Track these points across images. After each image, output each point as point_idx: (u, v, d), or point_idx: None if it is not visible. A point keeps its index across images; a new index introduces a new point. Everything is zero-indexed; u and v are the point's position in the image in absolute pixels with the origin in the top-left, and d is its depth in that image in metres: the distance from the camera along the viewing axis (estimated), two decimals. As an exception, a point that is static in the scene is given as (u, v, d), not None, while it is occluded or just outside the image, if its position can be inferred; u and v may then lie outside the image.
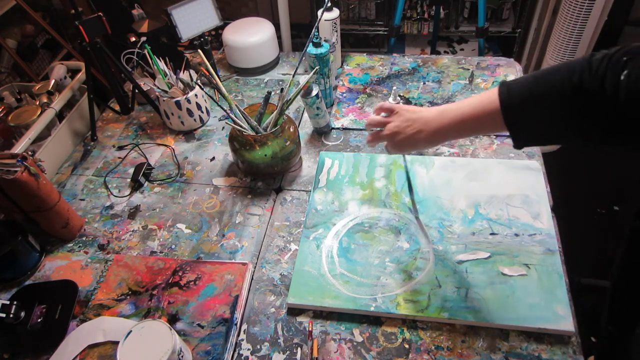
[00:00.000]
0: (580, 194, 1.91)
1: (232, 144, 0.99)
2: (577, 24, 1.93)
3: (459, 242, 0.85)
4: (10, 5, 1.90)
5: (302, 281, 0.82)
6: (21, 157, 0.83)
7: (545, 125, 0.60)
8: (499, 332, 0.74)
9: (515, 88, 0.61)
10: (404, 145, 0.76)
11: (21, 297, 0.85)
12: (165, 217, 0.98)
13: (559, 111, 0.58)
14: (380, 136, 0.79)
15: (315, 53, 1.07)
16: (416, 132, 0.73)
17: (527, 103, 0.60)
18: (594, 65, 0.54)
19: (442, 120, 0.70)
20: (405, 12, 2.43)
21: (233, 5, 2.63)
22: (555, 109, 0.58)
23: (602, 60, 0.53)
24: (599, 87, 0.52)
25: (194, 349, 0.76)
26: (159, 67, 1.13)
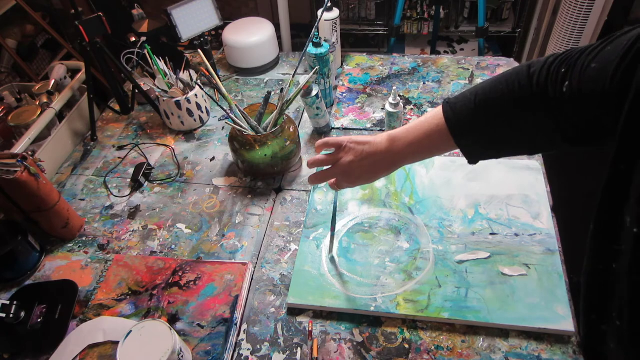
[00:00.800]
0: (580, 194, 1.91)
1: (232, 144, 0.99)
2: (577, 24, 1.93)
3: (459, 242, 0.85)
4: (10, 5, 1.90)
5: (302, 281, 0.82)
6: (21, 157, 0.83)
7: (493, 137, 0.61)
8: (499, 332, 0.74)
9: (458, 107, 0.62)
10: (359, 180, 0.73)
11: (21, 297, 0.85)
12: (165, 217, 0.98)
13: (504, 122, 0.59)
14: (328, 174, 0.75)
15: (315, 53, 1.07)
16: (372, 165, 0.70)
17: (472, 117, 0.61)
18: (534, 76, 0.55)
19: (395, 149, 0.68)
20: (405, 12, 2.43)
21: (233, 5, 2.63)
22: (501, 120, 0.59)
23: (540, 73, 0.54)
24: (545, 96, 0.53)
25: (194, 349, 0.76)
26: (159, 67, 1.13)
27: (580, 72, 0.49)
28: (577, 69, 0.50)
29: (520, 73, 0.57)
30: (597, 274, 0.54)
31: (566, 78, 0.51)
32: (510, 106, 0.58)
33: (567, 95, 0.51)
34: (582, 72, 0.49)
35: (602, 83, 0.46)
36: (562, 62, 0.52)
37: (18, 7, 1.89)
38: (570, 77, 0.50)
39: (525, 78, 0.56)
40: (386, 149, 0.69)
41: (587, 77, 0.48)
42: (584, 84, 0.49)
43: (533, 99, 0.55)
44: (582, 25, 1.93)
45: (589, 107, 0.49)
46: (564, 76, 0.51)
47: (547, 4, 2.19)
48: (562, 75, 0.51)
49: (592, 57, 0.48)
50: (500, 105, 0.59)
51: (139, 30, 1.24)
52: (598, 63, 0.47)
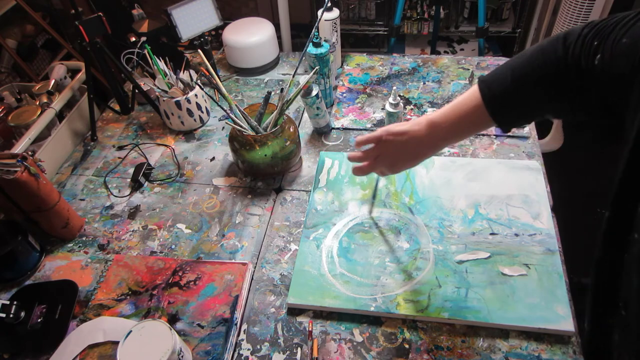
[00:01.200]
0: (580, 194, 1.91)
1: (232, 144, 0.99)
2: (577, 24, 1.93)
3: (459, 242, 0.85)
4: (10, 5, 1.90)
5: (302, 281, 0.82)
6: (21, 157, 0.83)
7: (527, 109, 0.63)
8: (499, 332, 0.74)
9: (495, 85, 0.63)
10: (404, 166, 0.75)
11: (21, 297, 0.85)
12: (165, 217, 0.98)
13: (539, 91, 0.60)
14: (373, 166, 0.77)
15: (315, 53, 1.07)
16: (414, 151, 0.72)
17: (509, 94, 0.62)
18: (570, 48, 0.55)
19: (436, 134, 0.69)
20: (405, 12, 2.43)
21: (233, 5, 2.63)
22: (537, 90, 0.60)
23: (576, 44, 0.54)
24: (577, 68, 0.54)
25: (194, 349, 0.76)
26: (159, 67, 1.13)
27: (612, 46, 0.50)
28: (609, 42, 0.50)
29: (556, 45, 0.57)
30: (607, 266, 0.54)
31: (598, 51, 0.51)
32: (547, 80, 0.58)
33: (598, 68, 0.51)
34: (614, 45, 0.49)
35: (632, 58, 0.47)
36: (595, 34, 0.53)
37: (18, 7, 1.89)
38: (603, 50, 0.51)
39: (561, 49, 0.56)
40: (426, 135, 0.70)
41: (619, 52, 0.49)
42: (615, 58, 0.49)
43: (568, 72, 0.56)
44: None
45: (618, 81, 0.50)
46: (596, 49, 0.52)
47: (547, 4, 2.19)
48: (595, 47, 0.52)
49: (624, 31, 0.49)
50: (537, 80, 0.59)
51: (139, 30, 1.24)
52: (629, 38, 0.48)
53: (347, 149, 1.08)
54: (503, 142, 1.05)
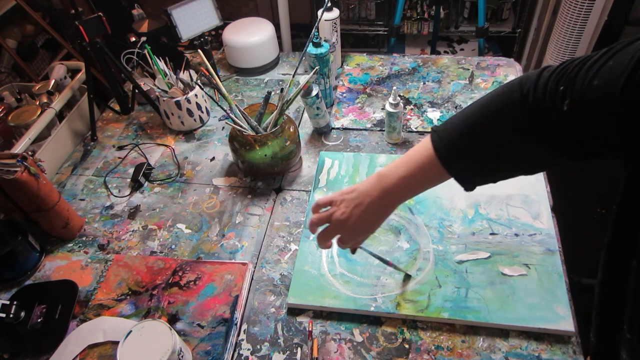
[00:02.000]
0: (580, 194, 1.91)
1: (232, 144, 0.99)
2: (577, 24, 1.93)
3: (459, 242, 0.85)
4: (10, 5, 1.90)
5: (302, 281, 0.82)
6: (21, 157, 0.83)
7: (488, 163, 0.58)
8: (499, 332, 0.74)
9: (446, 133, 0.59)
10: (358, 229, 0.67)
11: (21, 297, 0.85)
12: (165, 217, 0.98)
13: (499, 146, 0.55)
14: (328, 232, 0.69)
15: (315, 53, 1.07)
16: (365, 210, 0.64)
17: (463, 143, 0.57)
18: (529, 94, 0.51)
19: (385, 187, 0.63)
20: (405, 12, 2.43)
21: (233, 5, 2.63)
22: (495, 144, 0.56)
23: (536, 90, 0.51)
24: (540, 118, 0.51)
25: (194, 349, 0.76)
26: (159, 67, 1.13)
27: (581, 89, 0.46)
28: (578, 86, 0.47)
29: (512, 93, 0.53)
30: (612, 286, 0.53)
31: (566, 96, 0.48)
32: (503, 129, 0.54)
33: (568, 114, 0.48)
34: (584, 89, 0.46)
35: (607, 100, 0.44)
36: (559, 78, 0.49)
37: (18, 7, 1.89)
38: (571, 94, 0.47)
39: (518, 96, 0.52)
40: (374, 189, 0.64)
41: (590, 95, 0.45)
42: (587, 101, 0.46)
43: (530, 120, 0.52)
44: (582, 25, 1.93)
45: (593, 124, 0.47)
46: (563, 94, 0.48)
47: (547, 4, 2.19)
48: (561, 92, 0.48)
49: (592, 73, 0.46)
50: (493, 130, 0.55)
51: (139, 30, 1.24)
52: (601, 80, 0.45)
53: (347, 149, 1.08)
54: (503, 142, 1.05)
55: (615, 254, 0.50)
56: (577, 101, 0.47)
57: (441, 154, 0.58)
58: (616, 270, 0.50)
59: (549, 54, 2.12)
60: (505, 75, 1.23)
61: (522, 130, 0.53)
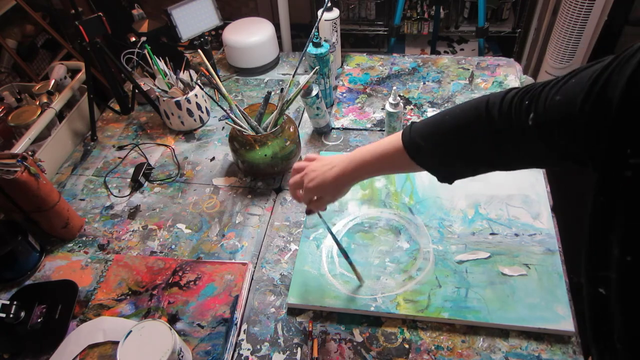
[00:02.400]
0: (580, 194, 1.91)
1: (232, 144, 0.99)
2: (577, 24, 1.93)
3: (459, 242, 0.85)
4: (10, 5, 1.90)
5: (302, 281, 0.82)
6: (21, 157, 0.83)
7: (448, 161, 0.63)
8: (499, 332, 0.74)
9: (418, 127, 0.63)
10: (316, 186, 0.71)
11: (21, 297, 0.85)
12: (165, 217, 0.98)
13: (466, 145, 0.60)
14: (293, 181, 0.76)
15: (315, 53, 1.07)
16: (329, 169, 0.70)
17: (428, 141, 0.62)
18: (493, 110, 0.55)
19: (355, 158, 0.69)
20: (405, 12, 2.43)
21: (233, 5, 2.63)
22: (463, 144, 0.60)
23: (502, 105, 0.55)
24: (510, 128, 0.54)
25: (194, 349, 0.76)
26: (159, 67, 1.13)
27: (544, 104, 0.50)
28: (542, 101, 0.50)
29: (478, 107, 0.58)
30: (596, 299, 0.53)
31: (530, 110, 0.51)
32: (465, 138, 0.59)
33: (532, 127, 0.51)
34: (547, 103, 0.50)
35: (568, 113, 0.47)
36: (524, 95, 0.53)
37: (18, 7, 1.89)
38: (535, 108, 0.51)
39: (484, 111, 0.57)
40: (345, 157, 0.70)
41: (553, 109, 0.49)
42: (549, 114, 0.49)
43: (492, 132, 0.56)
44: (582, 25, 1.93)
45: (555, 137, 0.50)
46: (527, 108, 0.52)
47: (547, 4, 2.19)
48: (526, 107, 0.52)
49: (555, 90, 0.49)
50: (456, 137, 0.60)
51: (139, 30, 1.24)
52: (563, 95, 0.48)
53: (347, 149, 1.08)
54: (503, 142, 1.05)
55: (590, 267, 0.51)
56: (541, 115, 0.50)
57: (407, 148, 0.63)
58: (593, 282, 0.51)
59: (549, 54, 2.12)
60: (505, 75, 1.23)
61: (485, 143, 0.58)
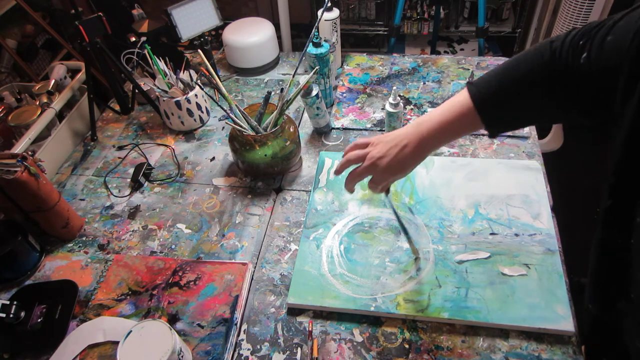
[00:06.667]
0: (580, 194, 1.91)
1: (232, 144, 0.99)
2: (577, 24, 1.93)
3: (459, 242, 0.85)
4: (10, 5, 1.90)
5: (302, 281, 0.82)
6: (21, 157, 0.83)
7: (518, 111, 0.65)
8: (499, 332, 0.74)
9: (483, 85, 0.65)
10: (391, 169, 0.71)
11: (21, 297, 0.85)
12: (165, 217, 0.98)
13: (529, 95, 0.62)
14: (360, 171, 0.74)
15: (315, 53, 1.07)
16: (401, 149, 0.69)
17: (498, 95, 0.63)
18: (556, 51, 0.58)
19: (422, 131, 0.69)
20: (405, 12, 2.43)
21: (233, 5, 2.63)
22: (526, 93, 0.62)
23: (562, 47, 0.58)
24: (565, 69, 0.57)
25: (194, 349, 0.76)
26: (159, 67, 1.13)
27: (598, 45, 0.53)
28: (595, 42, 0.53)
29: (544, 49, 0.60)
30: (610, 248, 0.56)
31: (584, 50, 0.54)
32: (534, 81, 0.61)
33: (585, 67, 0.54)
34: (600, 44, 0.52)
35: (618, 54, 0.50)
36: (581, 36, 0.56)
37: (18, 7, 1.89)
38: (589, 49, 0.54)
39: (548, 53, 0.59)
40: (413, 132, 0.69)
41: (605, 49, 0.52)
42: (601, 55, 0.52)
43: (555, 73, 0.58)
44: (582, 25, 1.93)
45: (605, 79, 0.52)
46: (582, 48, 0.55)
47: (547, 4, 2.19)
48: (581, 47, 0.55)
49: (607, 30, 0.52)
50: (524, 81, 0.61)
51: (139, 30, 1.24)
52: (614, 35, 0.51)
53: (347, 149, 1.08)
54: (503, 142, 1.05)
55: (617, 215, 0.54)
56: (593, 54, 0.53)
57: (477, 104, 0.64)
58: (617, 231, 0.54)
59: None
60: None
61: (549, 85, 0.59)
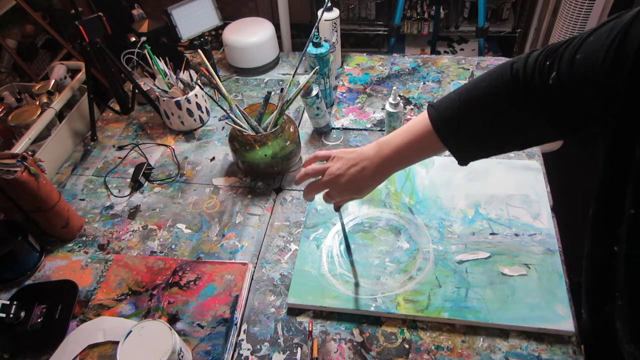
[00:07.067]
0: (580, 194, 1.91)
1: (232, 144, 0.99)
2: (577, 24, 1.93)
3: (459, 242, 0.85)
4: (10, 5, 1.90)
5: (302, 281, 0.82)
6: (21, 157, 0.83)
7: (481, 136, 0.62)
8: (499, 332, 0.74)
9: (443, 107, 0.63)
10: (348, 187, 0.71)
11: (21, 297, 0.85)
12: (165, 217, 0.98)
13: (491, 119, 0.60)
14: (319, 184, 0.73)
15: (315, 53, 1.07)
16: (360, 171, 0.69)
17: (457, 115, 0.62)
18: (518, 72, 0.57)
19: (382, 154, 0.68)
20: (405, 12, 2.43)
21: (233, 5, 2.63)
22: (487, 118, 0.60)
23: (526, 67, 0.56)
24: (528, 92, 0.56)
25: (194, 349, 0.76)
26: (159, 67, 1.13)
27: (566, 63, 0.51)
28: (564, 60, 0.52)
29: (503, 70, 0.59)
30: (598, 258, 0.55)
31: (552, 69, 0.53)
32: (495, 103, 0.59)
33: (554, 86, 0.53)
34: (569, 62, 0.51)
35: (590, 70, 0.48)
36: (546, 56, 0.55)
37: (18, 7, 1.89)
38: (558, 68, 0.52)
39: (509, 74, 0.58)
40: (374, 154, 0.68)
41: (574, 67, 0.51)
42: (571, 73, 0.51)
43: (519, 94, 0.57)
44: (582, 25, 1.93)
45: (576, 95, 0.51)
46: (549, 68, 0.53)
47: (547, 4, 2.19)
48: (548, 67, 0.53)
49: (575, 49, 0.51)
50: (485, 103, 0.60)
51: (139, 30, 1.24)
52: (583, 53, 0.50)
53: (347, 149, 1.08)
54: (503, 142, 1.05)
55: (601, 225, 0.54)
56: (563, 74, 0.52)
57: (437, 127, 0.63)
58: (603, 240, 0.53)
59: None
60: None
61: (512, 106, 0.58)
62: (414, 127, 0.65)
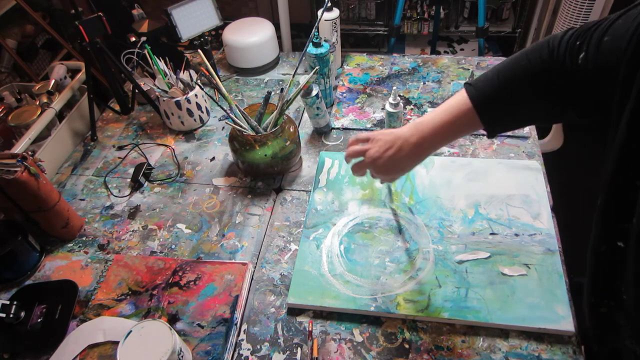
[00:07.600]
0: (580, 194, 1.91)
1: (232, 144, 0.99)
2: (577, 24, 1.93)
3: (459, 242, 0.85)
4: (10, 5, 1.90)
5: (302, 281, 0.82)
6: (21, 157, 0.83)
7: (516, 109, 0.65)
8: (499, 332, 0.74)
9: (481, 85, 0.65)
10: (388, 168, 0.74)
11: (21, 297, 0.85)
12: (165, 217, 0.98)
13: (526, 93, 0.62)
14: (361, 166, 0.77)
15: (315, 53, 1.07)
16: (397, 152, 0.71)
17: (497, 94, 0.64)
18: (554, 51, 0.59)
19: (421, 133, 0.69)
20: (405, 12, 2.43)
21: (233, 5, 2.63)
22: (523, 92, 0.63)
23: (560, 46, 0.58)
24: (562, 68, 0.58)
25: (194, 349, 0.76)
26: (159, 67, 1.13)
27: (595, 45, 0.53)
28: (593, 42, 0.53)
29: (541, 48, 0.60)
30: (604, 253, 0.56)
31: (581, 50, 0.55)
32: (532, 80, 0.61)
33: (582, 67, 0.55)
34: (597, 44, 0.53)
35: (615, 54, 0.50)
36: (578, 36, 0.56)
37: (18, 7, 1.89)
38: (586, 49, 0.54)
39: (546, 52, 0.59)
40: (410, 134, 0.70)
41: (601, 49, 0.52)
42: (598, 55, 0.53)
43: (552, 71, 0.59)
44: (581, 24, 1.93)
45: (602, 78, 0.53)
46: (579, 48, 0.55)
47: (547, 4, 2.19)
48: (578, 47, 0.55)
49: (604, 31, 0.52)
50: (523, 80, 0.62)
51: (139, 30, 1.24)
52: (610, 36, 0.51)
53: (347, 149, 1.08)
54: (503, 142, 1.05)
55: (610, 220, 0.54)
56: (591, 55, 0.53)
57: (476, 104, 0.65)
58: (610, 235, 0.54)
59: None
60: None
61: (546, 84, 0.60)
62: (453, 106, 0.67)
